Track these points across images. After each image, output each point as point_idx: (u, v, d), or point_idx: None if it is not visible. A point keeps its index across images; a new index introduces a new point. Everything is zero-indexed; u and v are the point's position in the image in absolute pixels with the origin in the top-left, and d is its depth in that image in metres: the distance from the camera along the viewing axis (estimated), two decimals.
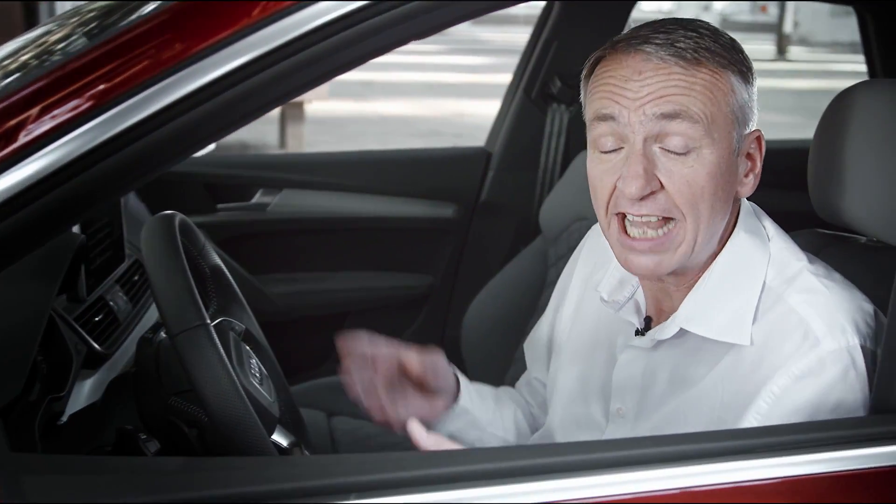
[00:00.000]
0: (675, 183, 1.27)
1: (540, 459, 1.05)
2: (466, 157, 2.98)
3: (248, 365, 1.42)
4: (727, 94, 1.28)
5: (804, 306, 1.29)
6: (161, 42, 1.03)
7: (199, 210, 2.70)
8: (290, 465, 1.06)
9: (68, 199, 1.02)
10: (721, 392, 1.32)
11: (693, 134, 1.26)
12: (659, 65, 1.26)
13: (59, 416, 1.50)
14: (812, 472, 1.08)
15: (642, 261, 1.30)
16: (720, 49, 1.29)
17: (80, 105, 1.01)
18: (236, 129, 1.11)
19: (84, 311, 1.74)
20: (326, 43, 1.05)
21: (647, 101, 1.25)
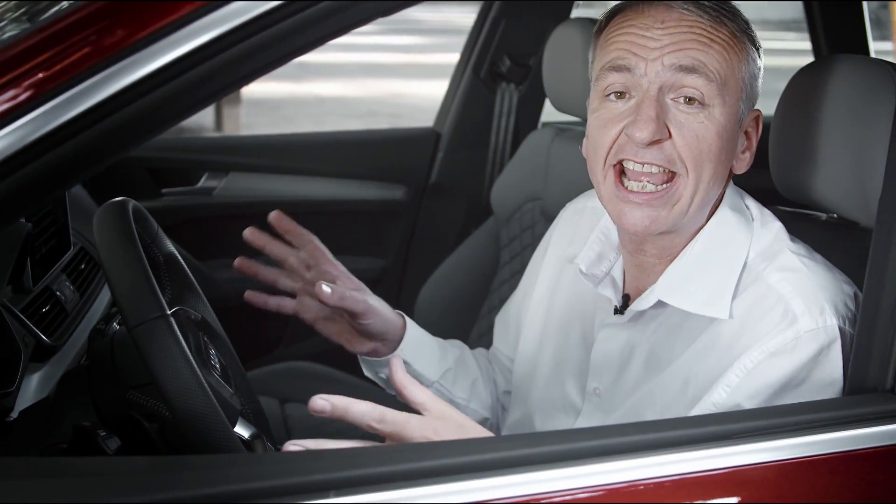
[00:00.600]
0: (685, 135, 1.26)
1: (516, 451, 1.02)
2: (415, 137, 2.94)
3: (207, 356, 1.37)
4: (742, 61, 1.29)
5: (784, 284, 1.28)
6: (102, 28, 0.99)
7: (143, 195, 2.63)
8: (259, 463, 1.02)
9: (11, 193, 0.97)
10: (697, 369, 1.32)
11: (707, 91, 1.26)
12: (683, 14, 1.26)
13: (8, 412, 1.44)
14: (790, 456, 1.07)
15: (637, 215, 1.29)
16: (743, 20, 1.30)
17: (19, 95, 0.96)
18: (183, 119, 1.07)
19: (31, 302, 1.66)
20: (278, 27, 1.02)
21: (668, 52, 1.26)
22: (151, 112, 1.00)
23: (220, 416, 1.19)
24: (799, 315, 1.25)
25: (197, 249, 2.65)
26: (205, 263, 2.66)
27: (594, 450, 1.04)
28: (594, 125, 1.32)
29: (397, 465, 0.97)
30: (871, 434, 1.08)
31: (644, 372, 1.38)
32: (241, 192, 2.74)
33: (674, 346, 1.35)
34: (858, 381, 1.16)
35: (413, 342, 1.56)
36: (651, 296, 1.35)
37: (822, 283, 1.28)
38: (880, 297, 1.16)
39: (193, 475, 0.92)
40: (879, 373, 1.14)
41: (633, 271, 1.42)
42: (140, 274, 1.22)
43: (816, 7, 2.84)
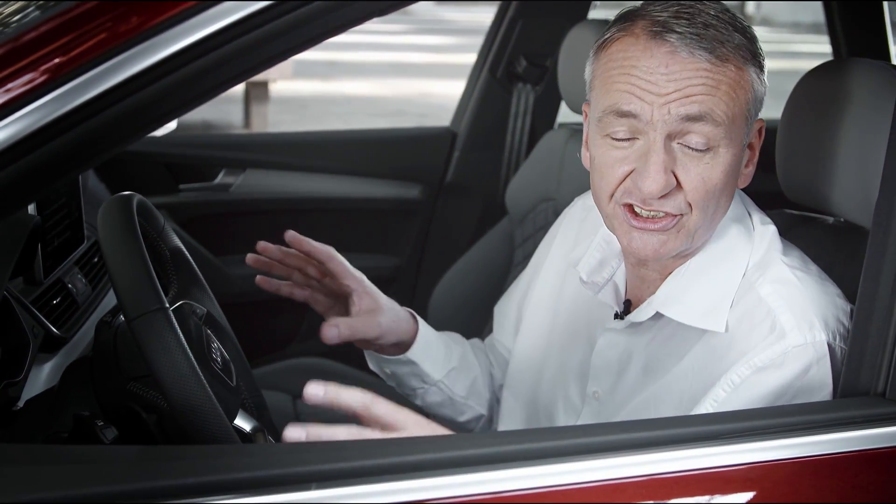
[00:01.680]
0: (692, 181, 1.24)
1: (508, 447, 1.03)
2: (432, 137, 2.95)
3: (209, 349, 1.39)
4: (747, 92, 1.26)
5: (774, 297, 1.27)
6: (118, 14, 1.00)
7: (161, 190, 2.66)
8: (249, 454, 1.03)
9: (23, 176, 0.99)
10: (689, 383, 1.31)
11: (714, 135, 1.23)
12: (687, 59, 1.22)
13: (14, 401, 1.47)
14: (780, 457, 1.07)
15: (647, 240, 1.27)
16: (743, 42, 1.25)
17: (35, 79, 0.97)
18: (196, 105, 1.07)
19: (41, 294, 1.70)
20: (295, 14, 1.02)
21: (674, 100, 1.22)
22: (163, 98, 1.01)
23: (216, 407, 1.20)
24: (788, 330, 1.24)
25: (213, 245, 2.69)
26: (220, 259, 2.70)
27: (575, 448, 1.05)
28: (602, 160, 1.28)
29: (382, 458, 0.99)
30: (859, 437, 1.08)
31: (641, 379, 1.38)
32: (257, 189, 2.76)
33: (669, 355, 1.35)
34: (850, 383, 1.16)
35: (423, 343, 1.58)
36: (649, 308, 1.35)
37: (813, 296, 1.27)
38: (874, 301, 1.16)
39: (181, 465, 0.94)
40: (871, 376, 1.14)
41: (634, 281, 1.42)
42: (140, 267, 1.24)
43: (836, 9, 2.82)
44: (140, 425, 1.29)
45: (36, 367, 1.62)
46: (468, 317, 2.59)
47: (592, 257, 1.46)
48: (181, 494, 0.88)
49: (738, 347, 1.26)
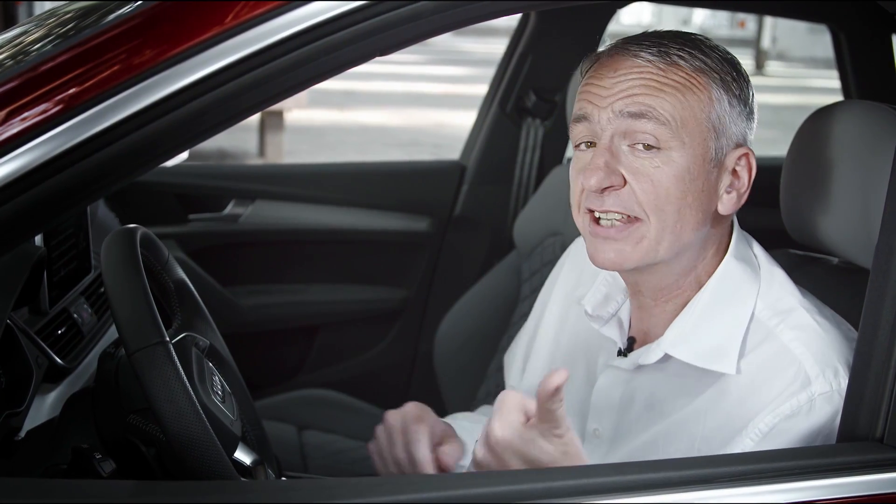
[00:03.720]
0: (640, 181, 1.27)
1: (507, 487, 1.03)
2: (441, 170, 2.97)
3: (209, 382, 1.39)
4: (703, 102, 1.28)
5: (797, 344, 1.27)
6: (132, 47, 1.02)
7: (171, 220, 2.68)
8: (243, 490, 1.04)
9: (35, 206, 1.00)
10: (702, 425, 1.30)
11: (660, 135, 1.26)
12: (635, 63, 1.27)
13: (16, 431, 1.47)
14: (776, 501, 1.07)
15: (605, 249, 1.30)
16: (708, 60, 1.29)
17: (50, 109, 0.99)
18: (209, 136, 1.09)
19: (46, 324, 1.70)
20: (303, 50, 1.04)
21: (617, 99, 1.27)
22: (173, 131, 1.03)
23: (214, 441, 1.20)
24: (813, 378, 1.23)
25: (221, 275, 2.70)
26: (228, 289, 2.71)
27: (580, 489, 1.04)
28: (570, 174, 1.35)
29: (376, 497, 0.98)
30: (856, 483, 1.08)
31: (645, 418, 1.37)
32: (266, 220, 2.77)
33: (677, 397, 1.34)
34: (849, 428, 1.15)
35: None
36: (658, 349, 1.34)
37: (834, 342, 1.27)
38: (873, 346, 1.16)
39: (174, 501, 0.93)
40: (870, 421, 1.13)
41: (636, 313, 1.42)
42: (141, 301, 1.24)
43: (845, 44, 2.83)
44: (139, 458, 1.29)
45: (40, 396, 1.62)
46: (475, 350, 2.59)
47: (598, 291, 1.46)
48: None
49: (761, 394, 1.26)
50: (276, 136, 8.57)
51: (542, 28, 2.78)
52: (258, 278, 2.79)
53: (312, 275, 2.84)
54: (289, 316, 2.81)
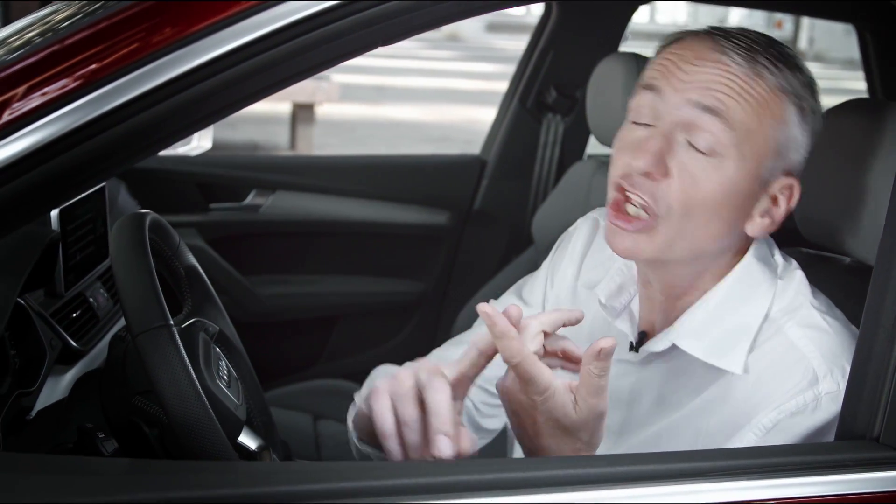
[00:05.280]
0: (683, 178, 1.23)
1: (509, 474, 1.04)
2: (461, 164, 2.97)
3: (215, 366, 1.41)
4: (775, 122, 1.23)
5: (806, 342, 1.25)
6: (152, 25, 1.02)
7: (192, 209, 2.71)
8: (232, 471, 1.05)
9: (53, 177, 1.02)
10: (707, 420, 1.30)
11: (723, 138, 1.21)
12: (722, 60, 1.23)
13: (28, 411, 1.50)
14: (768, 497, 1.06)
15: (621, 240, 1.27)
16: (793, 80, 1.25)
17: (69, 84, 1.00)
18: (221, 117, 1.10)
19: (62, 307, 1.73)
20: (317, 32, 1.04)
21: (694, 87, 1.23)
22: (187, 108, 1.04)
23: (214, 424, 1.22)
24: (821, 376, 1.22)
25: (241, 264, 2.73)
26: (248, 278, 2.73)
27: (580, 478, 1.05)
28: (616, 143, 1.31)
29: (367, 481, 0.99)
30: (851, 481, 1.07)
31: (654, 412, 1.37)
32: (286, 211, 2.79)
33: (684, 390, 1.34)
34: (847, 426, 1.15)
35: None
36: (666, 338, 1.33)
37: (843, 342, 1.26)
38: (873, 344, 1.15)
39: (164, 479, 0.95)
40: (868, 419, 1.12)
41: (644, 304, 1.41)
42: (146, 285, 1.26)
43: (871, 44, 2.81)
44: (142, 439, 1.31)
45: (54, 378, 1.65)
46: None
47: (613, 281, 1.45)
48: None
49: (766, 390, 1.25)
50: (307, 130, 8.62)
51: (563, 24, 2.78)
52: (277, 268, 2.82)
53: (331, 266, 2.86)
54: (307, 306, 2.83)
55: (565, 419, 1.11)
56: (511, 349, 1.08)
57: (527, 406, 1.12)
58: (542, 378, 1.09)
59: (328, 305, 2.86)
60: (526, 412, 1.13)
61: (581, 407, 1.11)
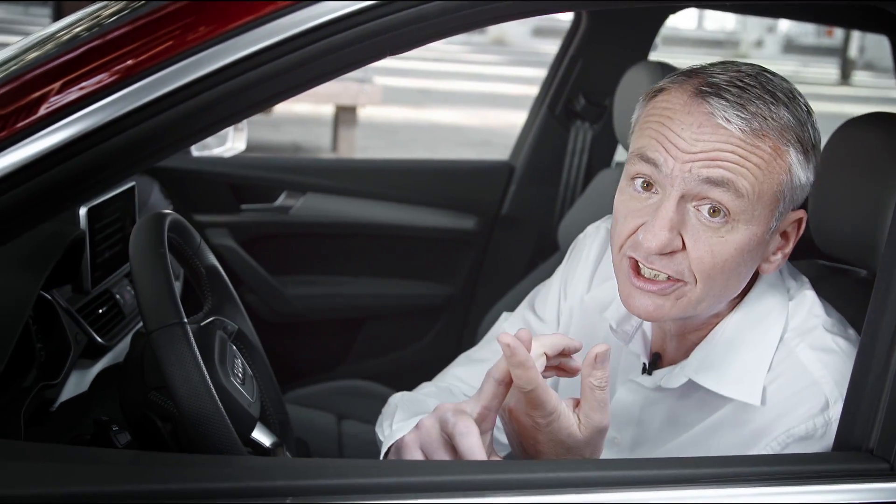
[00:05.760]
0: (699, 249, 1.21)
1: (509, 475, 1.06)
2: (490, 170, 2.99)
3: (230, 364, 1.45)
4: (782, 174, 1.21)
5: (819, 366, 1.25)
6: (187, 24, 1.06)
7: (223, 209, 2.75)
8: (229, 465, 1.09)
9: (85, 168, 1.05)
10: (717, 440, 1.30)
11: (734, 207, 1.19)
12: (721, 125, 1.19)
13: (51, 403, 1.55)
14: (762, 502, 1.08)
15: (644, 302, 1.25)
16: (791, 123, 1.21)
17: (105, 80, 1.04)
18: (250, 115, 1.13)
19: (88, 303, 1.79)
20: (346, 34, 1.07)
21: (697, 160, 1.19)
22: (218, 104, 1.06)
23: (225, 420, 1.25)
24: (832, 402, 1.22)
25: (271, 264, 2.77)
26: (277, 279, 2.78)
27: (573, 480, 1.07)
28: (619, 208, 1.28)
29: (359, 479, 1.02)
30: (841, 491, 1.08)
31: (666, 431, 1.38)
32: (316, 213, 2.82)
33: (696, 410, 1.34)
34: (844, 438, 1.16)
35: None
36: (681, 374, 1.32)
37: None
38: (871, 357, 1.16)
39: (163, 470, 0.99)
40: (864, 432, 1.13)
41: (657, 332, 1.41)
42: (162, 283, 1.30)
43: None
44: (156, 434, 1.35)
45: (79, 371, 1.70)
46: None
47: (622, 306, 1.43)
48: (159, 498, 0.94)
49: (776, 412, 1.25)
50: (348, 132, 8.69)
51: (593, 32, 2.79)
52: (306, 269, 2.85)
53: (359, 268, 2.89)
54: (334, 307, 2.86)
55: (569, 439, 1.14)
56: (527, 378, 1.10)
57: (529, 428, 1.15)
58: (550, 403, 1.12)
59: (356, 307, 2.89)
60: (528, 433, 1.16)
61: (585, 425, 1.14)
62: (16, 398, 1.43)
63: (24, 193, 1.02)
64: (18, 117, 1.02)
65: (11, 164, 1.01)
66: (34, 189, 1.03)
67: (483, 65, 18.21)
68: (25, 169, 1.02)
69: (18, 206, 1.03)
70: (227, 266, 2.67)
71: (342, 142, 8.65)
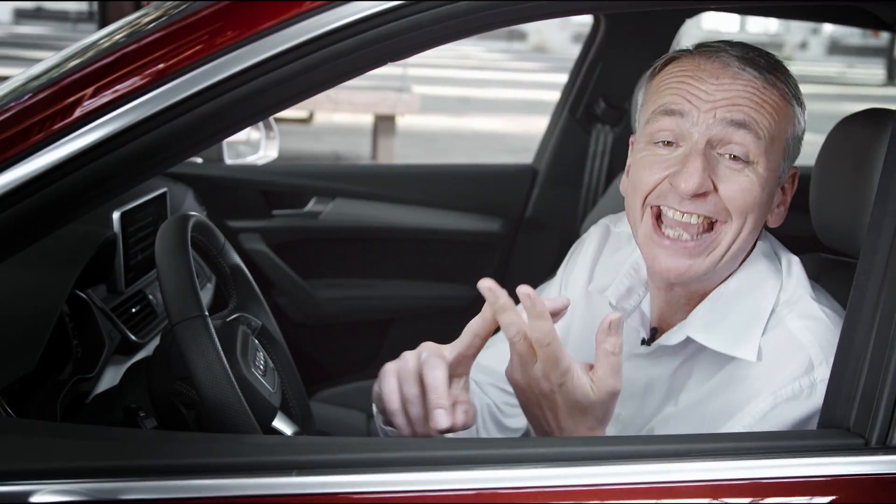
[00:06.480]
0: (731, 189, 1.31)
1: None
2: (513, 173, 3.06)
3: (252, 356, 1.53)
4: (788, 123, 1.34)
5: (805, 332, 1.33)
6: (215, 29, 1.13)
7: (256, 215, 2.84)
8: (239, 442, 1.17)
9: (122, 164, 1.12)
10: (711, 406, 1.37)
11: (753, 148, 1.31)
12: (737, 73, 1.32)
13: (86, 395, 1.65)
14: (761, 476, 1.14)
15: (672, 261, 1.34)
16: (791, 82, 1.36)
17: (136, 82, 1.11)
18: (270, 114, 1.20)
19: (122, 303, 1.89)
20: (360, 37, 1.13)
21: (721, 105, 1.31)
22: (243, 102, 1.13)
23: (244, 406, 1.33)
24: (816, 364, 1.29)
25: (302, 268, 2.86)
26: (308, 282, 2.86)
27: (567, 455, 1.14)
28: (638, 165, 1.37)
29: (362, 453, 1.10)
30: (822, 464, 1.14)
31: (664, 402, 1.44)
32: (345, 217, 2.91)
33: (693, 379, 1.41)
34: (827, 416, 1.21)
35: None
36: (680, 332, 1.40)
37: (839, 332, 1.31)
38: (853, 339, 1.21)
39: (176, 446, 1.08)
40: (845, 411, 1.18)
41: (661, 306, 1.48)
42: (185, 279, 1.39)
43: None
44: (181, 420, 1.44)
45: (113, 367, 1.80)
46: None
47: (622, 284, 1.52)
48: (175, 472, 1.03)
49: (765, 377, 1.32)
50: (387, 141, 8.78)
51: (611, 37, 2.85)
52: (336, 272, 2.93)
53: (388, 271, 2.97)
54: (364, 309, 2.94)
55: (584, 399, 1.20)
56: (545, 329, 1.16)
57: (547, 393, 1.21)
58: (564, 361, 1.18)
59: (384, 308, 2.96)
60: (546, 399, 1.22)
61: (598, 388, 1.20)
62: (53, 390, 1.53)
63: (56, 191, 1.10)
64: (55, 120, 1.10)
65: (45, 165, 1.08)
66: (66, 187, 1.10)
67: (524, 72, 18.24)
68: (57, 168, 1.09)
69: (50, 205, 1.11)
70: (260, 270, 2.77)
71: (381, 150, 8.75)
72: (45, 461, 1.01)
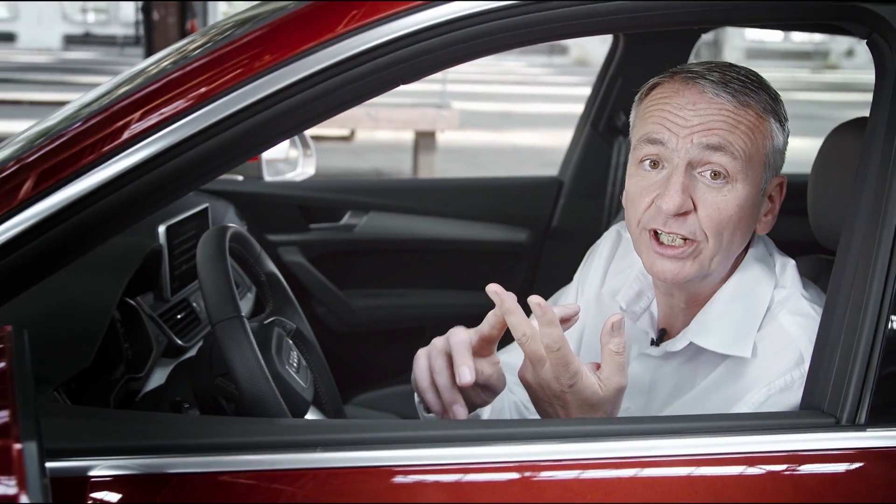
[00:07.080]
0: (707, 208, 1.42)
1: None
2: (540, 185, 3.16)
3: (286, 355, 1.67)
4: (766, 139, 1.45)
5: (796, 328, 1.44)
6: (254, 54, 1.25)
7: (293, 229, 2.98)
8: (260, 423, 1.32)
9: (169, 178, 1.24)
10: (710, 400, 1.49)
11: (731, 167, 1.41)
12: (712, 99, 1.42)
13: (137, 394, 1.80)
14: (741, 451, 1.26)
15: (667, 265, 1.45)
16: (766, 98, 1.45)
17: (180, 105, 1.23)
18: (305, 129, 1.32)
19: (168, 309, 2.04)
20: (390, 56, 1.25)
21: (697, 131, 1.41)
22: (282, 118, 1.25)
23: (278, 399, 1.47)
24: (806, 357, 1.40)
25: (338, 279, 2.99)
26: (344, 292, 3.00)
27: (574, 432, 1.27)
28: (632, 189, 1.49)
29: (381, 433, 1.23)
30: (796, 440, 1.25)
31: (669, 398, 1.56)
32: (378, 230, 3.03)
33: (695, 376, 1.53)
34: (808, 398, 1.32)
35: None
36: (683, 339, 1.52)
37: None
38: (830, 329, 1.32)
39: (222, 427, 1.22)
40: (822, 394, 1.29)
41: (665, 310, 1.60)
42: (223, 283, 1.53)
43: None
44: (222, 412, 1.58)
45: (161, 368, 1.94)
46: None
47: (631, 288, 1.64)
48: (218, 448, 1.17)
49: (759, 371, 1.43)
50: (428, 157, 8.88)
51: (630, 52, 2.95)
52: (371, 283, 3.05)
53: (420, 281, 3.08)
54: (397, 318, 3.06)
55: (594, 397, 1.33)
56: (554, 336, 1.29)
57: (559, 393, 1.34)
58: (574, 364, 1.31)
59: (417, 317, 3.08)
60: (558, 399, 1.35)
61: (606, 385, 1.33)
62: (106, 387, 1.69)
63: (104, 206, 1.24)
64: (105, 142, 1.23)
65: (95, 183, 1.22)
66: (115, 202, 1.22)
67: (565, 86, 18.30)
68: (107, 185, 1.22)
69: (99, 220, 1.25)
70: (299, 281, 2.90)
71: (422, 167, 8.86)
72: (101, 441, 1.15)
